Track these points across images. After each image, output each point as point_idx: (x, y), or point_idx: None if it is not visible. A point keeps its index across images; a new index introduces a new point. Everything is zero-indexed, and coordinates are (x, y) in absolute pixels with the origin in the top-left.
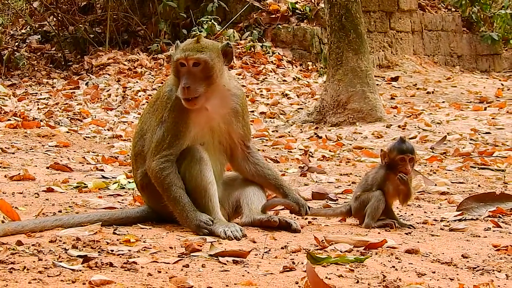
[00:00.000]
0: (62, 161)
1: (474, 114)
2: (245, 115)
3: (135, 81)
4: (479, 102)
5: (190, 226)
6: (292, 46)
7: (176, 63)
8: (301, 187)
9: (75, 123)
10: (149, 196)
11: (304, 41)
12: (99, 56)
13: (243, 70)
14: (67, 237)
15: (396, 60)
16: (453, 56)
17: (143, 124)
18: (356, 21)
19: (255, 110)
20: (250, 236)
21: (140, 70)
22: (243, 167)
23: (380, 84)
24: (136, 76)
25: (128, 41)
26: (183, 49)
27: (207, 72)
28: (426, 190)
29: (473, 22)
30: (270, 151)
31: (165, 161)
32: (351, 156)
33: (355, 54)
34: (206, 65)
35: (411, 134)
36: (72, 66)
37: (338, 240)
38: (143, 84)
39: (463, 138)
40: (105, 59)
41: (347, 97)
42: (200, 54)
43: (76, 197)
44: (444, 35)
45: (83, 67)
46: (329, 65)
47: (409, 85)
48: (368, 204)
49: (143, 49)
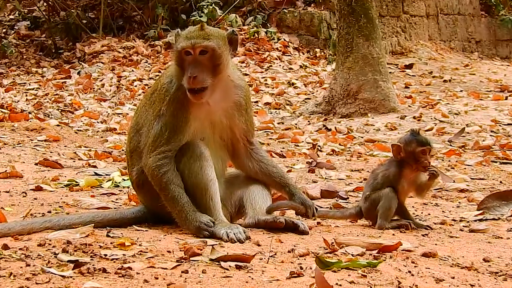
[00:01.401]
0: (52, 157)
1: (495, 104)
2: (249, 109)
3: (131, 70)
4: (499, 91)
5: (190, 227)
6: (299, 32)
7: (180, 52)
8: (309, 184)
9: (66, 116)
10: (146, 195)
11: (312, 27)
12: (92, 43)
13: (246, 58)
14: (57, 240)
15: (410, 46)
16: (471, 41)
17: (139, 118)
18: (367, 5)
19: (259, 100)
20: (254, 239)
21: (136, 58)
22: (246, 164)
23: (393, 72)
24: (132, 65)
25: (123, 27)
26: (188, 37)
27: (215, 60)
28: (444, 187)
29: (492, 5)
30: (276, 145)
31: (162, 157)
32: (363, 150)
33: (366, 40)
34: (214, 53)
35: (427, 126)
36: (63, 54)
37: (349, 242)
38: (139, 73)
39: (483, 130)
40: (99, 46)
41: (358, 86)
42: (207, 42)
43: (67, 196)
44: (461, 19)
45: (75, 55)
46: (339, 52)
47: (424, 73)
48: (379, 203)
49: (139, 36)
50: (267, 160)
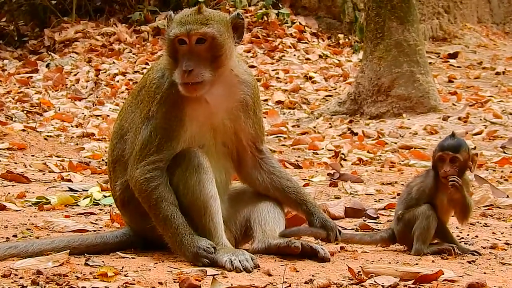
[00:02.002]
0: (17, 169)
1: None
2: (257, 110)
3: (111, 61)
4: None
5: (186, 254)
6: (318, 14)
7: (173, 41)
8: (331, 201)
9: (33, 118)
10: (132, 215)
11: (334, 7)
12: (64, 29)
13: (253, 46)
14: (25, 270)
15: (455, 30)
16: None
17: (124, 121)
18: None
19: (269, 98)
20: (264, 267)
21: (117, 47)
22: (254, 177)
23: (434, 63)
24: (113, 55)
25: (101, 9)
26: (182, 22)
27: (215, 51)
28: (495, 204)
29: None
30: (290, 153)
31: (152, 169)
32: (396, 158)
33: (401, 23)
34: (214, 42)
35: (475, 129)
36: (28, 42)
37: (380, 271)
38: (122, 65)
39: None
40: (72, 32)
41: (390, 81)
42: (206, 28)
43: (36, 217)
44: None
45: (42, 44)
46: (367, 38)
47: (472, 63)
48: (415, 224)
49: (121, 20)
50: (280, 172)
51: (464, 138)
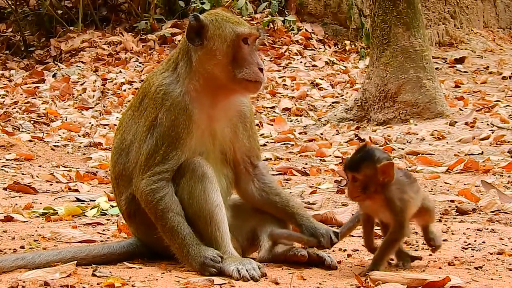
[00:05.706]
0: (24, 180)
1: None
2: (253, 123)
3: (118, 70)
4: None
5: (193, 264)
6: (324, 20)
7: (238, 40)
8: (338, 208)
9: (40, 128)
10: (138, 226)
11: (340, 14)
12: (70, 39)
13: (260, 53)
14: (32, 281)
15: (461, 35)
16: None
17: (126, 134)
18: None
19: (276, 105)
20: (271, 276)
21: (124, 56)
22: (247, 192)
23: (440, 68)
24: (119, 64)
25: (107, 18)
26: (242, 23)
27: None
28: (502, 209)
29: None
30: (297, 160)
31: (158, 179)
32: (404, 164)
33: (407, 29)
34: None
35: (482, 134)
36: (35, 52)
37: (387, 279)
38: (129, 74)
39: None
40: (78, 42)
41: (397, 87)
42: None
43: (43, 228)
44: None
45: (49, 54)
46: (373, 44)
47: (479, 68)
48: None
49: (127, 29)
50: (270, 187)
51: (379, 147)
